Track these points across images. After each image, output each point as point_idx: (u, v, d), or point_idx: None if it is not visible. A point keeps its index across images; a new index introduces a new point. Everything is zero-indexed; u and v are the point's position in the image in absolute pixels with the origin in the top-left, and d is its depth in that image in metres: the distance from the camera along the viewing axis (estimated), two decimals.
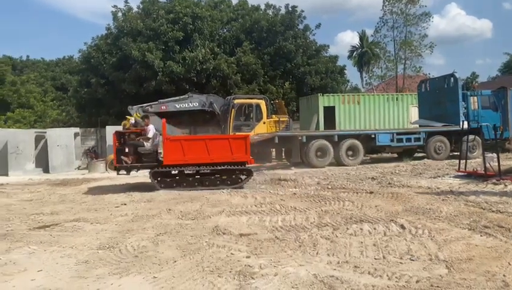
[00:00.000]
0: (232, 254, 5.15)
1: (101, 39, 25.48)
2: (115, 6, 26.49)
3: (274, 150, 17.90)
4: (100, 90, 24.43)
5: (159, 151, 10.73)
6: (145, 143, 10.61)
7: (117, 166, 10.57)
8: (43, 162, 17.49)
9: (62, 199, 9.95)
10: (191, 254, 5.18)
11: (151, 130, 10.76)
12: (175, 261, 4.95)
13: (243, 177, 10.80)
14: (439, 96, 17.87)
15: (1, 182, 13.93)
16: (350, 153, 15.89)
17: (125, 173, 10.80)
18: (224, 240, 5.76)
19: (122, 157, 10.47)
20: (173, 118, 20.64)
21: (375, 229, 6.04)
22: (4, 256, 5.38)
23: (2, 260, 5.22)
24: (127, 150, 10.48)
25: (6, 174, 16.21)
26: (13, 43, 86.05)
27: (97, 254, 5.36)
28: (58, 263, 5.07)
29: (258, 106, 18.20)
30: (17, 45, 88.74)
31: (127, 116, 11.97)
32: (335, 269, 4.53)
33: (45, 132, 18.34)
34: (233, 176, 10.75)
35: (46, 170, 17.24)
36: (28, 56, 45.13)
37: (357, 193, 9.20)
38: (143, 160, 10.52)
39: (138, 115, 17.05)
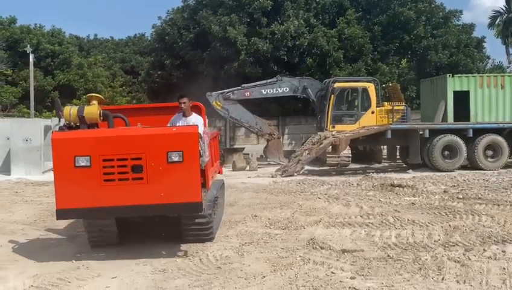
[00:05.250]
0: (332, 273, 5.28)
1: (176, 13, 26.98)
2: None
3: (386, 147, 17.60)
4: (175, 73, 25.86)
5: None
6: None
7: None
8: None
9: None
10: (283, 270, 5.40)
11: (199, 122, 7.18)
12: (264, 277, 5.21)
13: None
14: None
15: None
16: (490, 153, 15.43)
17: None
18: (322, 256, 5.92)
19: None
20: (259, 106, 21.28)
21: None
22: (77, 260, 6.10)
23: (75, 264, 5.94)
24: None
25: None
26: (80, 21, 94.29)
27: (175, 262, 5.85)
28: (133, 270, 5.63)
29: (365, 90, 17.96)
30: (84, 23, 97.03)
31: (94, 95, 7.50)
32: None
33: None
34: None
35: None
36: (95, 35, 48.90)
37: (498, 205, 8.92)
38: None
39: (218, 103, 17.84)
